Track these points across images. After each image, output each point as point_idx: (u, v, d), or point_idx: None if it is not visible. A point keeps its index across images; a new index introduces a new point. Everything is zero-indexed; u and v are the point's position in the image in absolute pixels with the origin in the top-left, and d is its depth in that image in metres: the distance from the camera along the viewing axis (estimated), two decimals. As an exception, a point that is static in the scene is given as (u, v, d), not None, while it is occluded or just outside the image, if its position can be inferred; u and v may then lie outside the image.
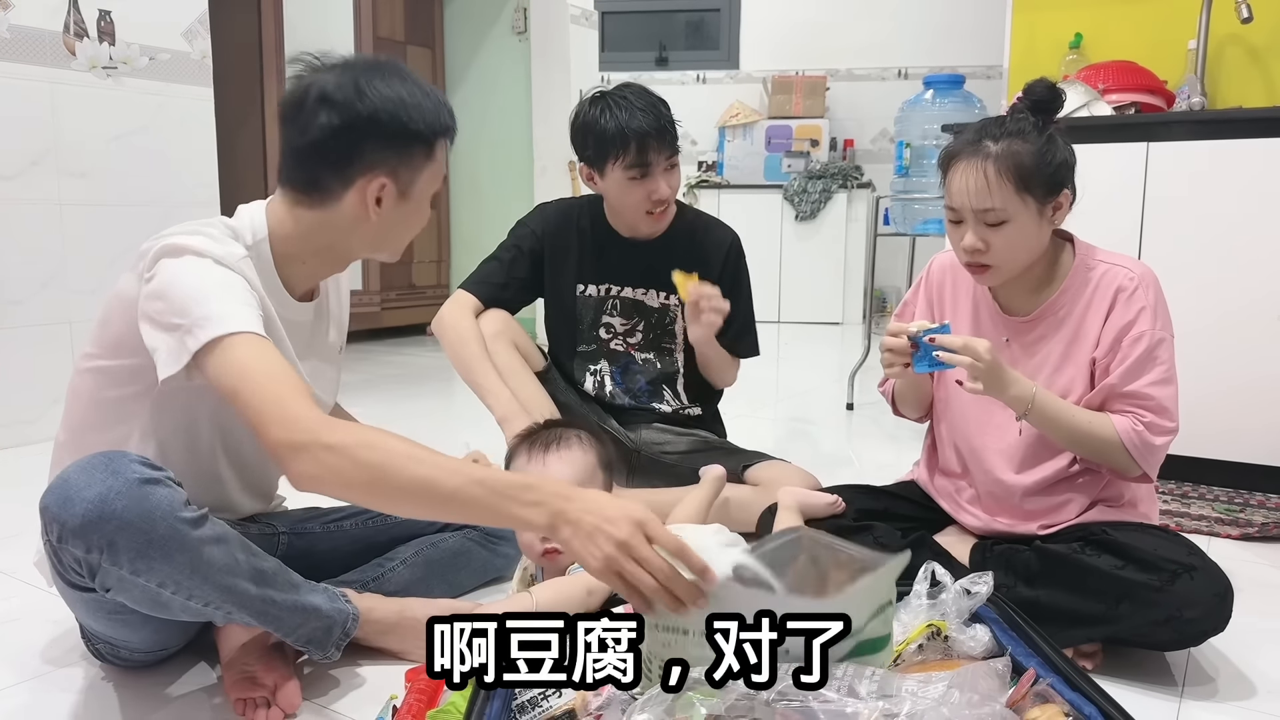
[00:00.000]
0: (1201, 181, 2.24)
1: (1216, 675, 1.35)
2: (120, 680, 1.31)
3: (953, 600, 1.13)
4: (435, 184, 1.30)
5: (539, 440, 1.37)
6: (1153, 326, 1.40)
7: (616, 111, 1.85)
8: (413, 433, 1.09)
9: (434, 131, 1.25)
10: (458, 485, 1.02)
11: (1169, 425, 1.40)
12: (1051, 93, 1.42)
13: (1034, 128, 1.40)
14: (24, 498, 1.30)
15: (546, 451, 1.36)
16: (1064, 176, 1.41)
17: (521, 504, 1.01)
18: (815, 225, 5.72)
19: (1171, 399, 1.40)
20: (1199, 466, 2.31)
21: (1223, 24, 2.62)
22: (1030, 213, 1.39)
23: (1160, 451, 1.41)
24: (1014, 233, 1.39)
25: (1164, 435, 1.40)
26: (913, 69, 5.97)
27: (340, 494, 1.09)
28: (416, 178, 1.26)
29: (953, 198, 1.42)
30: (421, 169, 1.26)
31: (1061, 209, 1.42)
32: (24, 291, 2.69)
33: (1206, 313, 2.23)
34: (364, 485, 1.02)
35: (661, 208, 1.92)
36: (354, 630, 1.28)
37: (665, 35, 6.60)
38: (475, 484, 1.02)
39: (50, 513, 1.05)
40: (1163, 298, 1.44)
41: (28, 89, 2.67)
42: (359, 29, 4.79)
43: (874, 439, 2.95)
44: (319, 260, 1.31)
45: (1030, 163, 1.37)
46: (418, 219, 1.32)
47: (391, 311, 5.08)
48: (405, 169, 1.24)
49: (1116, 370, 1.41)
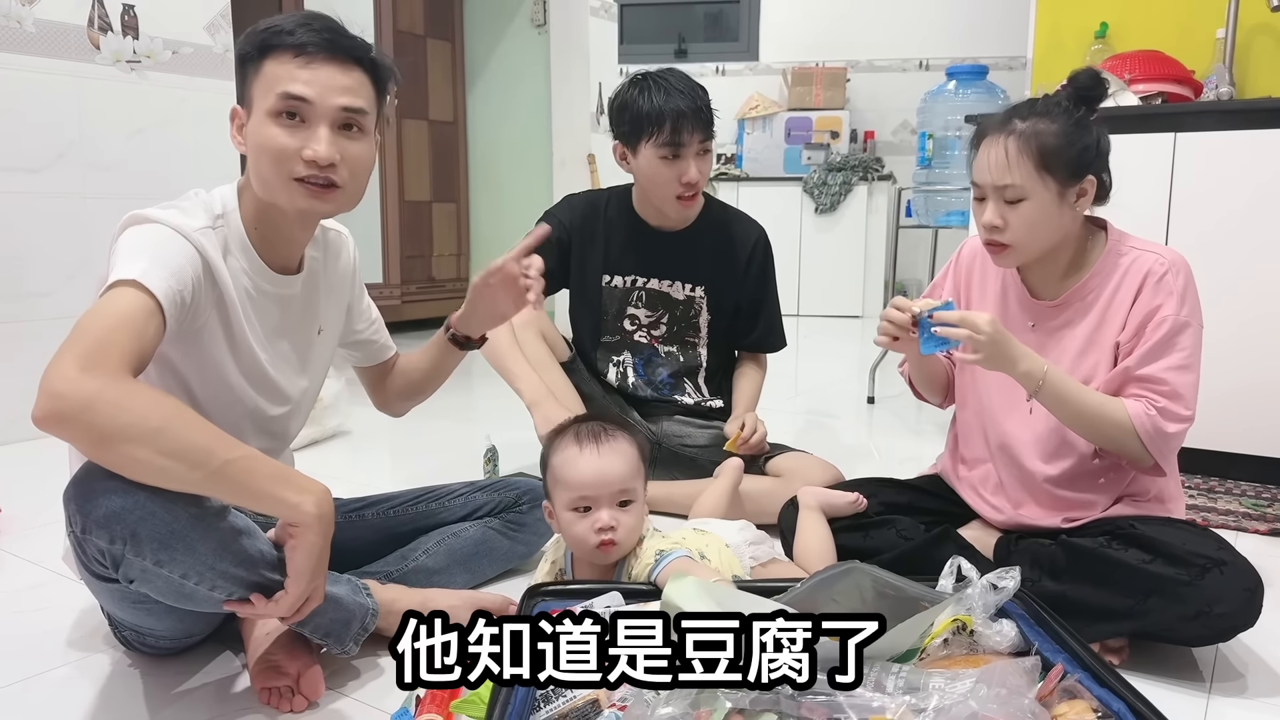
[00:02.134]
0: (1230, 172, 2.20)
1: (1245, 671, 1.33)
2: (146, 668, 1.32)
3: (979, 595, 1.12)
4: (265, 98, 1.19)
5: (586, 433, 1.32)
6: (1177, 312, 1.38)
7: (655, 92, 1.87)
8: (435, 425, 1.09)
9: (256, 44, 1.20)
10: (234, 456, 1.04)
11: (1184, 413, 1.36)
12: (1094, 81, 1.40)
13: (1064, 111, 1.38)
14: (50, 488, 1.31)
15: (599, 443, 1.30)
16: (1089, 161, 1.38)
17: (295, 489, 1.07)
18: (835, 218, 5.69)
19: (1189, 386, 1.37)
20: (1226, 461, 2.29)
21: (1252, 13, 2.58)
22: (1049, 193, 1.37)
23: (1174, 440, 1.38)
24: (1031, 211, 1.37)
25: (1178, 423, 1.36)
26: (934, 60, 5.91)
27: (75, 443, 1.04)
28: (250, 95, 1.22)
29: (977, 173, 1.43)
30: (252, 84, 1.21)
31: (1086, 195, 1.40)
32: (49, 284, 2.72)
33: (1235, 304, 2.20)
34: (92, 441, 0.99)
35: (691, 191, 1.92)
36: (373, 625, 1.28)
37: (684, 27, 6.58)
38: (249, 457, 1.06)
39: (74, 504, 1.06)
40: (1193, 285, 1.41)
41: (52, 83, 2.69)
42: (379, 22, 4.80)
43: (895, 432, 2.93)
44: (268, 222, 1.27)
45: (1053, 143, 1.36)
46: (261, 142, 1.19)
47: (412, 305, 5.10)
48: (245, 90, 1.23)
49: (1136, 353, 1.39)
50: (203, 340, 1.22)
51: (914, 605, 1.04)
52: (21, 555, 1.77)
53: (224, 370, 1.26)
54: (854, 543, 1.54)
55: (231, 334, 1.25)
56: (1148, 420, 1.36)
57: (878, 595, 1.07)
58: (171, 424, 1.01)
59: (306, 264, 1.37)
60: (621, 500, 1.29)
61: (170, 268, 1.11)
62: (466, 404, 3.41)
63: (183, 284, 1.12)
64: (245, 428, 1.32)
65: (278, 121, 1.19)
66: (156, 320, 1.07)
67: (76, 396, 0.96)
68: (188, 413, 1.04)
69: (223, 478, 1.04)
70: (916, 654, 1.05)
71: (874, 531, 1.57)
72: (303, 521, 1.08)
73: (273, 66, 1.19)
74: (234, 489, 1.06)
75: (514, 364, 1.87)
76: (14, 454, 2.48)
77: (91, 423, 0.97)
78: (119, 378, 0.99)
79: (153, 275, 1.08)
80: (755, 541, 1.51)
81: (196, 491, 1.05)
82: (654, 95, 1.87)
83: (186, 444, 1.02)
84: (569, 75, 4.80)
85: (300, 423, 1.47)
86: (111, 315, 1.04)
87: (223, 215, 1.24)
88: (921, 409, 3.21)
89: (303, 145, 1.18)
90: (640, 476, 1.31)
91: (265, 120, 1.19)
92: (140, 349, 1.04)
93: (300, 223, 1.30)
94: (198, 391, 1.25)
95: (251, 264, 1.27)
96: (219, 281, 1.21)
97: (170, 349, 1.17)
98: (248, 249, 1.26)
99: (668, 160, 1.89)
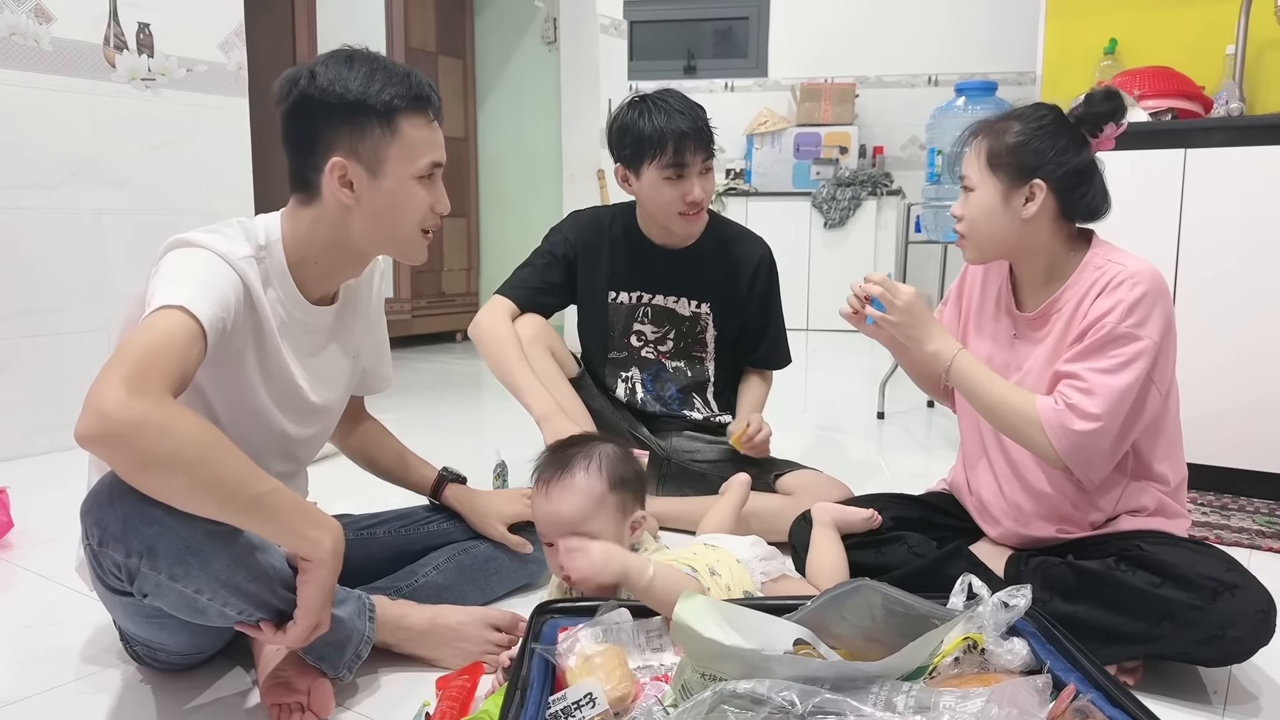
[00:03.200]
0: (1241, 188, 2.20)
1: (1259, 693, 1.32)
2: (158, 683, 1.32)
3: (990, 613, 1.11)
4: (413, 162, 1.26)
5: (542, 476, 1.35)
6: (1121, 320, 1.34)
7: (655, 114, 1.88)
8: (444, 439, 1.10)
9: (384, 103, 1.22)
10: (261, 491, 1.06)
11: (1092, 411, 1.32)
12: (1098, 98, 1.41)
13: (1034, 119, 1.42)
14: (64, 502, 1.32)
15: (548, 485, 1.32)
16: (1037, 166, 1.40)
17: (315, 525, 1.11)
18: (844, 232, 5.69)
19: (1107, 390, 1.32)
20: (1239, 478, 2.27)
21: (1262, 28, 2.58)
22: (993, 190, 1.42)
23: (1083, 442, 1.33)
24: (976, 203, 1.45)
25: (1085, 421, 1.32)
26: (943, 76, 5.93)
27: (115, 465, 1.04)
28: (381, 154, 1.24)
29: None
30: (385, 145, 1.24)
31: (1034, 200, 1.40)
32: (64, 299, 2.74)
33: (1247, 320, 2.20)
34: (135, 467, 1.00)
35: (695, 209, 1.93)
36: (366, 652, 1.28)
37: (694, 44, 6.61)
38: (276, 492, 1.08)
39: (91, 518, 1.07)
40: (1159, 303, 1.36)
41: (69, 101, 2.73)
42: (391, 40, 4.85)
43: (905, 448, 2.92)
44: (330, 260, 1.31)
45: (1005, 143, 1.42)
46: (407, 201, 1.27)
47: (422, 319, 5.12)
48: (364, 146, 1.23)
49: (1069, 352, 1.39)
50: (234, 365, 1.23)
51: (924, 623, 1.03)
52: (35, 570, 1.78)
53: (253, 394, 1.28)
54: (866, 559, 1.54)
55: (265, 358, 1.27)
56: (1053, 414, 1.35)
57: (887, 613, 1.06)
58: (210, 455, 1.02)
59: (341, 294, 1.40)
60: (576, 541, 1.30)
61: (216, 295, 1.13)
62: (476, 418, 3.42)
63: (226, 311, 1.14)
64: (269, 451, 1.33)
65: (422, 183, 1.27)
66: (199, 345, 1.09)
67: (125, 418, 0.97)
68: (225, 443, 1.05)
69: (250, 510, 1.06)
70: (926, 672, 1.04)
71: (886, 548, 1.56)
72: (318, 557, 1.10)
73: (411, 130, 1.25)
74: (259, 521, 1.08)
75: (522, 379, 1.87)
76: (28, 468, 2.49)
77: (137, 446, 0.98)
78: (163, 401, 1.01)
79: (199, 301, 1.10)
80: (766, 557, 1.50)
81: (221, 519, 1.06)
82: (654, 117, 1.87)
83: (222, 476, 1.03)
84: (579, 92, 4.83)
85: (319, 447, 1.50)
86: (157, 337, 1.05)
87: (265, 246, 1.26)
88: (932, 424, 3.20)
89: (435, 201, 1.30)
90: (606, 507, 1.32)
91: (411, 182, 1.26)
92: (183, 372, 1.06)
93: (362, 263, 1.36)
94: (222, 414, 1.26)
95: (289, 295, 1.29)
96: (257, 309, 1.23)
97: (200, 371, 1.19)
98: (287, 281, 1.28)
99: (671, 181, 1.89)
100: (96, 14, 2.77)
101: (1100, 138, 1.43)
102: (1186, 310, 2.29)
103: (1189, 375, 2.28)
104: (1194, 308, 2.28)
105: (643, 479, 1.41)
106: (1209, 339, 2.26)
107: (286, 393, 1.32)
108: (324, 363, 1.39)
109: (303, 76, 1.23)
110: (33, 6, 2.63)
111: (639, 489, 1.39)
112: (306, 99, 1.22)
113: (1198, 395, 2.29)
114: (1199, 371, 2.29)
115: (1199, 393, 2.29)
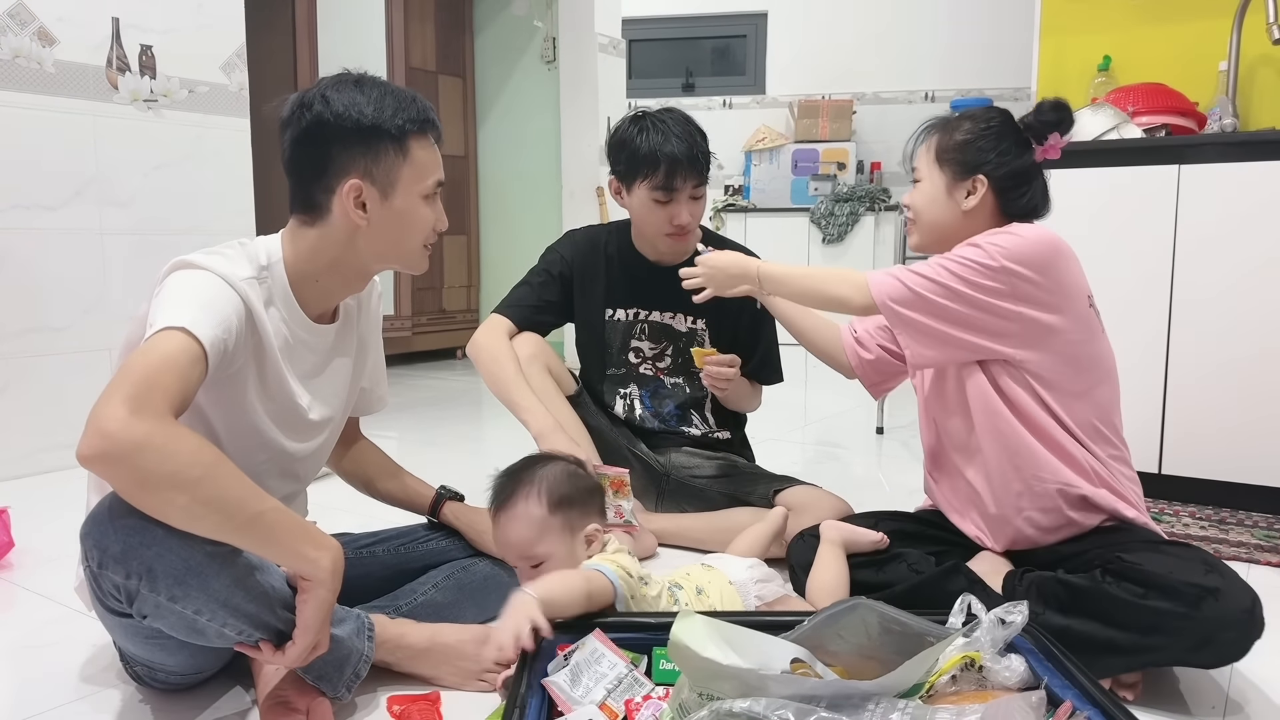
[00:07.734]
0: (1235, 204, 2.21)
1: (1259, 704, 1.32)
2: (157, 703, 1.33)
3: (987, 630, 1.12)
4: (422, 182, 1.30)
5: (491, 504, 1.41)
6: (980, 239, 1.43)
7: (653, 133, 1.88)
8: (444, 455, 1.11)
9: (398, 126, 1.26)
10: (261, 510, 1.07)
11: (902, 274, 1.46)
12: (1045, 108, 1.50)
13: (985, 119, 1.52)
14: (64, 522, 1.32)
15: (498, 514, 1.39)
16: (979, 164, 1.50)
17: (314, 545, 1.11)
18: (843, 248, 5.71)
19: (938, 270, 1.43)
20: (1237, 492, 2.28)
21: (1254, 45, 2.60)
22: (939, 182, 1.53)
23: (900, 295, 1.44)
24: (921, 191, 1.57)
25: (910, 275, 1.45)
26: (939, 92, 5.97)
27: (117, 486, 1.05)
28: (394, 176, 1.27)
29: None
30: (397, 167, 1.27)
31: (975, 194, 1.50)
32: (66, 319, 2.76)
33: (1243, 336, 2.21)
34: (135, 485, 1.01)
35: (682, 232, 1.94)
36: (365, 671, 1.28)
37: (692, 61, 6.66)
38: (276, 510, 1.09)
39: (91, 540, 1.07)
40: (1035, 244, 1.41)
41: (72, 122, 2.75)
42: (391, 60, 4.88)
43: (904, 463, 2.93)
44: (333, 277, 1.33)
45: (954, 140, 1.53)
46: (415, 220, 1.32)
47: (422, 336, 5.14)
48: (378, 168, 1.26)
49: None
50: (234, 384, 1.24)
51: (919, 641, 1.04)
52: (35, 590, 1.78)
53: (253, 414, 1.28)
54: (867, 577, 1.54)
55: (264, 378, 1.28)
56: (880, 273, 1.48)
57: (884, 631, 1.07)
58: (212, 474, 1.03)
59: (342, 312, 1.41)
60: (533, 563, 1.34)
61: (218, 316, 1.14)
62: (475, 436, 3.42)
63: (227, 332, 1.15)
64: (269, 469, 1.34)
65: (427, 202, 1.32)
66: (201, 367, 1.10)
67: (127, 438, 0.98)
68: (226, 463, 1.06)
69: (249, 529, 1.06)
70: (922, 690, 1.05)
71: (886, 566, 1.57)
72: (317, 578, 1.11)
73: (420, 152, 1.29)
74: (258, 540, 1.08)
75: (521, 396, 1.88)
76: (30, 487, 2.50)
77: (139, 465, 0.99)
78: (164, 421, 1.01)
79: (201, 323, 1.11)
80: (763, 580, 1.50)
81: (220, 539, 1.07)
82: (652, 137, 1.88)
83: (223, 495, 1.04)
84: (578, 110, 4.86)
85: (320, 464, 1.50)
86: (160, 359, 1.06)
87: (267, 267, 1.27)
88: (931, 440, 3.20)
89: (437, 219, 1.35)
90: (551, 529, 1.35)
91: (418, 201, 1.31)
92: (184, 393, 1.07)
93: (365, 279, 1.39)
94: (222, 433, 1.27)
95: (291, 314, 1.30)
96: (259, 329, 1.24)
97: (200, 391, 1.20)
98: (289, 300, 1.30)
99: (660, 203, 1.91)
100: (99, 36, 2.80)
101: (1045, 145, 1.51)
102: (1182, 325, 2.30)
103: (1185, 389, 2.29)
104: (1189, 322, 2.29)
105: (595, 492, 1.45)
106: (1204, 353, 2.27)
107: (286, 411, 1.32)
108: (325, 380, 1.40)
109: (315, 101, 1.25)
110: (36, 29, 2.65)
111: (589, 503, 1.41)
112: (321, 123, 1.24)
113: (1194, 409, 2.30)
114: (1195, 386, 2.30)
115: (1195, 407, 2.30)
